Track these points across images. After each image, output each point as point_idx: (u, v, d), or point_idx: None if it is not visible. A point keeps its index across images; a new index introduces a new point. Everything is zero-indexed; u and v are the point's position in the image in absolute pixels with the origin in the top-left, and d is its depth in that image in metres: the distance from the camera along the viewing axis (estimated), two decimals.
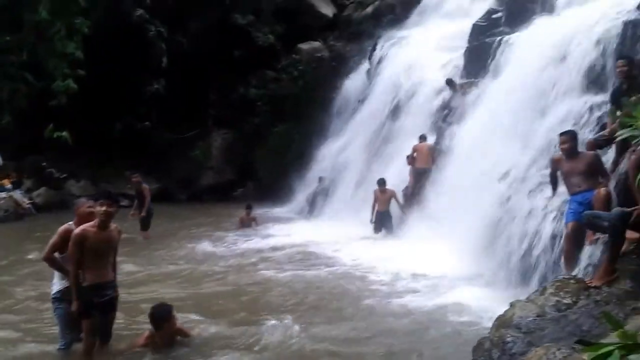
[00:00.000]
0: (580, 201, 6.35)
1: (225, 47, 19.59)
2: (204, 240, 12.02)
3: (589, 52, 8.17)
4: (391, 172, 12.21)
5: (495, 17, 12.27)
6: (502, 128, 9.06)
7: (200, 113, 20.16)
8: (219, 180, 19.99)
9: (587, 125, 7.56)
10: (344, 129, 16.79)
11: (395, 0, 18.82)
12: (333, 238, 11.56)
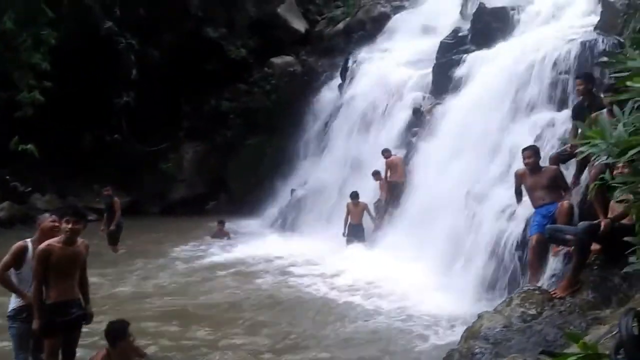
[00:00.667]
0: (544, 214, 6.55)
1: (197, 59, 19.55)
2: (173, 254, 11.89)
3: (551, 70, 8.50)
4: (364, 185, 12.34)
5: (462, 35, 12.63)
6: (469, 143, 9.30)
7: (172, 125, 19.99)
8: (190, 194, 19.79)
9: (550, 140, 7.83)
10: (316, 142, 16.90)
11: (365, 17, 19.14)
12: (306, 251, 11.59)
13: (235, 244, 13.16)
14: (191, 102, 20.20)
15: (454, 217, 8.44)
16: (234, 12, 20.71)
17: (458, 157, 9.27)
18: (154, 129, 19.20)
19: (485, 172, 8.49)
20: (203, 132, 20.03)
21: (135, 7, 17.95)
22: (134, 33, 18.52)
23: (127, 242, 12.58)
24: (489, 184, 8.21)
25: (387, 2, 19.12)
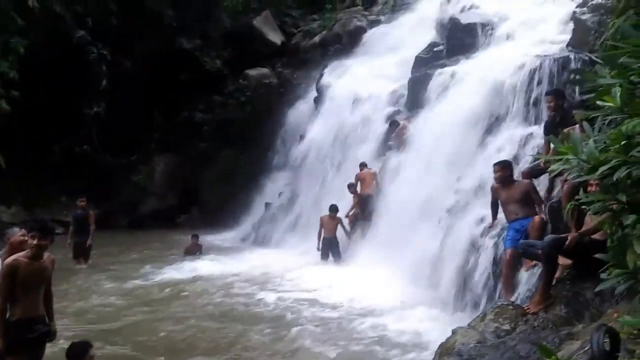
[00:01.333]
0: (518, 228, 6.58)
1: (171, 70, 19.35)
2: (140, 268, 11.58)
3: (525, 85, 8.61)
4: (339, 198, 12.27)
5: (437, 50, 12.77)
6: (443, 157, 9.33)
7: (144, 137, 19.69)
8: (161, 206, 19.46)
9: (524, 155, 7.90)
10: (292, 155, 16.81)
11: (342, 31, 19.26)
12: (280, 265, 11.43)
13: (206, 258, 12.90)
14: (164, 113, 19.97)
15: (429, 231, 8.43)
16: (209, 23, 20.64)
17: (433, 170, 9.29)
18: (125, 140, 18.86)
19: (460, 186, 8.51)
20: (176, 143, 19.79)
21: (108, 17, 17.70)
22: (106, 43, 18.23)
23: (92, 254, 12.21)
24: (464, 198, 8.22)
25: (364, 17, 19.32)
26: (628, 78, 3.59)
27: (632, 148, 3.39)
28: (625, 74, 3.60)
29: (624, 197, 3.51)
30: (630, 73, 3.61)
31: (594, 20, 7.58)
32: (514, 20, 11.56)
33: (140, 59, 18.97)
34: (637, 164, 3.35)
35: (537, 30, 10.39)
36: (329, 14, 21.18)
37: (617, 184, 3.53)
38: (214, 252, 13.76)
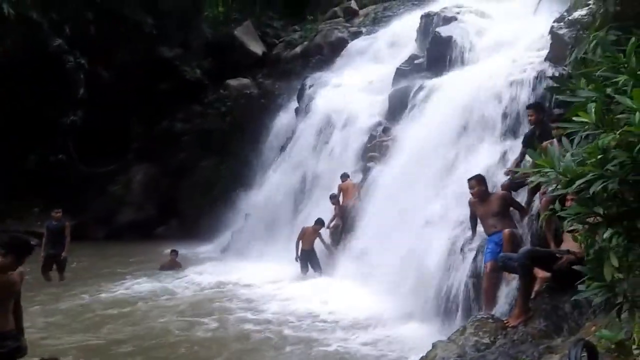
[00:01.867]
0: (497, 241, 6.58)
1: (150, 79, 19.14)
2: (115, 281, 11.32)
3: (504, 99, 8.69)
4: (319, 210, 12.20)
5: (418, 63, 12.86)
6: (424, 169, 9.35)
7: (122, 146, 19.38)
8: (139, 217, 19.08)
9: (503, 168, 7.95)
10: (272, 166, 16.70)
11: (323, 42, 19.31)
12: (259, 278, 11.29)
13: (183, 272, 12.68)
14: (143, 122, 19.71)
15: (409, 243, 8.40)
16: (190, 32, 20.52)
17: (413, 182, 9.29)
18: (102, 150, 18.52)
19: (440, 198, 8.52)
20: (154, 153, 19.51)
21: (86, 25, 17.45)
22: (84, 51, 17.94)
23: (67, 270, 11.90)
24: (444, 210, 8.23)
25: (345, 28, 19.41)
26: (604, 92, 3.63)
27: (608, 162, 3.40)
28: (602, 88, 3.64)
29: (600, 210, 3.52)
30: (607, 87, 3.65)
31: (570, 35, 7.70)
32: (494, 35, 11.71)
33: (119, 67, 18.73)
34: (613, 178, 3.37)
35: (516, 45, 10.52)
36: (310, 25, 21.24)
37: (593, 197, 3.55)
38: (192, 265, 13.54)
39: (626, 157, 3.32)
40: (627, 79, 3.43)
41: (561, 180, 3.74)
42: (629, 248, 3.53)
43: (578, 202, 3.78)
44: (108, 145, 18.47)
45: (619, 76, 3.53)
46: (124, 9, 17.95)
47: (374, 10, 20.23)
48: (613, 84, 3.59)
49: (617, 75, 3.58)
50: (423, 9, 15.52)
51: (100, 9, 17.53)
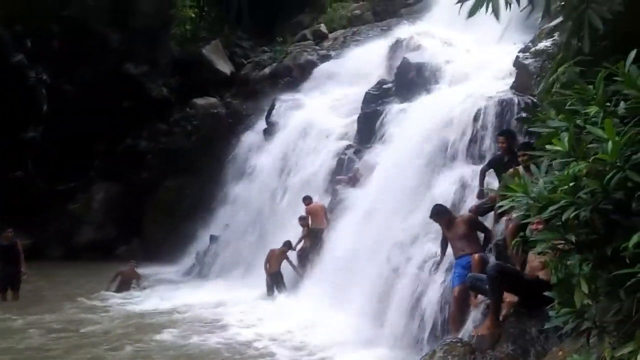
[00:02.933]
0: (464, 265, 6.66)
1: (115, 96, 18.76)
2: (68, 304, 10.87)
3: (471, 125, 8.88)
4: (286, 232, 12.10)
5: (386, 87, 13.04)
6: (392, 193, 9.41)
7: (83, 164, 18.81)
8: (99, 237, 18.54)
9: (470, 194, 8.08)
10: (239, 187, 16.51)
11: (292, 64, 19.43)
12: (223, 301, 11.10)
13: (143, 293, 12.27)
14: (106, 139, 19.22)
15: (377, 267, 8.38)
16: (157, 49, 20.27)
17: (381, 206, 9.33)
18: (62, 167, 17.94)
19: (408, 222, 8.56)
20: (117, 172, 19.05)
21: (50, 39, 17.02)
22: (47, 65, 17.46)
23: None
24: (412, 234, 8.27)
25: (314, 51, 19.59)
26: (574, 122, 3.74)
27: (579, 190, 3.49)
28: (572, 119, 3.75)
29: (572, 237, 3.60)
30: (577, 117, 3.77)
31: (536, 66, 7.98)
32: (460, 62, 12.01)
33: (83, 83, 18.25)
34: (584, 205, 3.46)
35: (482, 72, 10.82)
36: (279, 47, 21.36)
37: (565, 224, 3.63)
38: (153, 287, 13.15)
39: (597, 185, 3.41)
40: (598, 111, 3.54)
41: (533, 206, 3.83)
42: (597, 275, 3.61)
43: (549, 228, 3.86)
44: (69, 163, 17.93)
45: (588, 107, 3.65)
46: (90, 23, 17.61)
47: (343, 35, 20.52)
48: (583, 114, 3.71)
49: (586, 107, 3.71)
50: (391, 35, 15.83)
51: (66, 23, 17.16)
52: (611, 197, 3.37)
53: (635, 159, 3.24)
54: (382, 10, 21.85)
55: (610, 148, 3.20)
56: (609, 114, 3.51)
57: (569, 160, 3.59)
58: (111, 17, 18.28)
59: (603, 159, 3.29)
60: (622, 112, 3.52)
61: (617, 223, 3.43)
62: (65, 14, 17.23)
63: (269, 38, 22.44)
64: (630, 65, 3.52)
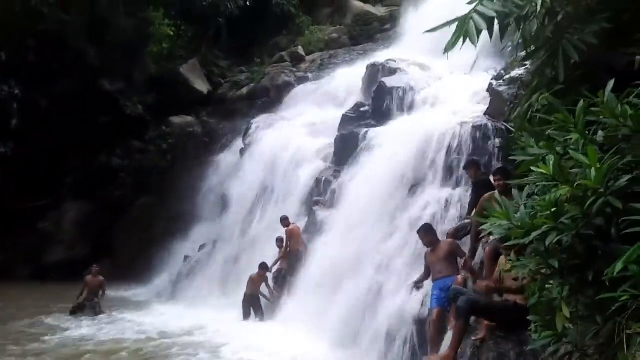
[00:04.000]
0: (441, 287, 6.71)
1: (90, 112, 18.44)
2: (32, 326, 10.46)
3: (445, 149, 9.03)
4: (262, 253, 11.96)
5: (363, 110, 13.18)
6: (369, 215, 9.44)
7: (55, 181, 18.35)
8: (70, 256, 17.94)
9: (444, 216, 8.18)
10: (213, 206, 16.32)
11: (270, 84, 19.50)
12: (196, 324, 10.83)
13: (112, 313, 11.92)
14: (79, 156, 18.84)
15: (354, 290, 8.36)
16: (134, 66, 20.09)
17: (358, 228, 9.34)
18: (33, 184, 17.44)
19: (385, 245, 8.59)
20: (89, 189, 18.63)
21: (26, 53, 16.68)
22: (21, 79, 17.06)
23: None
24: (389, 257, 8.30)
25: (292, 73, 19.72)
26: (554, 150, 3.84)
27: (561, 215, 3.57)
28: (553, 146, 3.86)
29: (555, 262, 3.66)
30: (557, 145, 3.87)
31: (509, 93, 8.19)
32: (436, 87, 12.25)
33: (58, 98, 17.86)
34: (566, 231, 3.53)
35: (456, 97, 11.05)
36: (257, 68, 21.45)
37: (547, 249, 3.70)
38: (121, 308, 12.77)
39: (578, 211, 3.49)
40: (578, 138, 3.64)
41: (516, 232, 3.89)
42: (577, 299, 3.68)
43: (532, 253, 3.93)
44: (40, 179, 17.44)
45: (569, 135, 3.76)
46: (66, 38, 17.36)
47: (320, 57, 20.75)
48: (563, 142, 3.82)
49: (566, 134, 3.82)
50: (368, 59, 16.07)
51: (41, 36, 16.87)
52: (592, 223, 3.46)
53: (616, 185, 3.34)
54: (358, 34, 22.22)
55: (594, 175, 3.29)
56: (589, 141, 3.62)
57: (552, 184, 3.69)
58: (88, 32, 18.07)
59: (586, 184, 3.37)
60: (600, 139, 3.64)
61: (598, 249, 3.51)
62: (41, 28, 16.96)
63: (246, 58, 22.55)
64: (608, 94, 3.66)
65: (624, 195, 3.32)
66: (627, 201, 3.28)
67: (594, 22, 4.56)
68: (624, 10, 4.63)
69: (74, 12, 17.87)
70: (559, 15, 4.70)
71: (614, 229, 3.39)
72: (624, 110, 3.43)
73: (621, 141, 3.53)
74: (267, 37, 23.21)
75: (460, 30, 4.47)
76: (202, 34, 23.39)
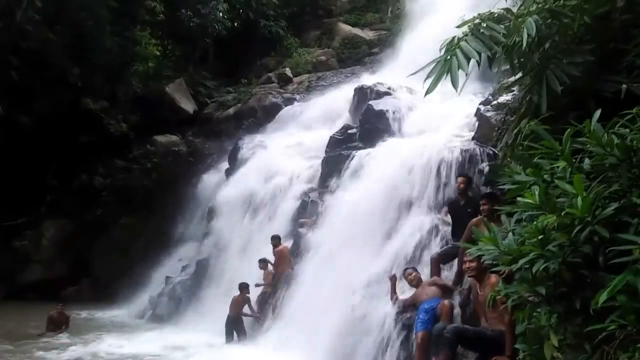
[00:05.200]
0: (426, 309, 6.72)
1: (72, 130, 18.22)
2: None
3: (433, 173, 9.05)
4: (247, 274, 11.77)
5: (351, 133, 13.22)
6: (356, 238, 9.38)
7: (34, 198, 18.00)
8: (47, 276, 17.47)
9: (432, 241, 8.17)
10: (198, 226, 16.12)
11: (257, 105, 19.50)
12: (177, 346, 10.56)
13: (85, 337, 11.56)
14: (60, 174, 18.54)
15: (340, 314, 8.24)
16: (118, 85, 20.02)
17: (345, 251, 9.25)
18: (11, 201, 17.06)
19: (372, 269, 8.52)
20: (70, 208, 18.27)
21: (8, 70, 16.49)
22: (3, 96, 16.85)
23: None
24: (375, 281, 8.23)
25: (279, 94, 19.78)
26: (542, 177, 3.85)
27: (548, 243, 3.57)
28: (540, 173, 3.87)
29: (542, 289, 3.64)
30: (544, 172, 3.88)
31: (497, 118, 8.29)
32: (423, 111, 12.34)
33: (40, 115, 17.65)
34: (553, 258, 3.52)
35: (444, 121, 11.13)
36: (244, 88, 21.48)
37: (535, 276, 3.68)
38: (102, 330, 12.45)
39: (565, 239, 3.49)
40: (565, 166, 3.65)
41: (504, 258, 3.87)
42: (565, 328, 3.65)
43: (520, 280, 3.90)
44: (19, 197, 17.10)
45: (556, 162, 3.77)
46: (51, 56, 17.24)
47: (308, 79, 20.87)
48: (550, 169, 3.83)
49: (552, 162, 3.83)
50: (356, 82, 16.20)
51: (24, 54, 16.74)
52: (579, 251, 3.45)
53: (603, 214, 3.34)
54: (346, 57, 22.45)
55: (581, 204, 3.29)
56: (575, 169, 3.64)
57: (539, 213, 3.68)
58: (72, 51, 17.97)
59: (572, 213, 3.37)
60: (587, 167, 3.66)
61: (585, 277, 3.50)
62: (24, 46, 16.82)
63: (233, 79, 22.59)
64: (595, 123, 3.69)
65: (611, 224, 3.34)
66: (614, 229, 3.29)
67: (579, 53, 4.64)
68: (610, 40, 4.71)
69: (59, 31, 17.77)
70: (546, 43, 4.76)
71: (601, 257, 3.39)
72: (610, 140, 3.46)
73: (608, 169, 3.56)
74: (254, 58, 23.33)
75: (440, 70, 4.54)
76: (189, 54, 23.44)
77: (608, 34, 4.71)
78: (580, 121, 3.70)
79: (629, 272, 3.09)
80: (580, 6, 4.59)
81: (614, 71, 4.55)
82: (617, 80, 4.44)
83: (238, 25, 22.92)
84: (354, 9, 25.59)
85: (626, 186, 3.39)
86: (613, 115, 3.73)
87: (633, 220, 3.28)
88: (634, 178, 3.40)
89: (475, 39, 4.66)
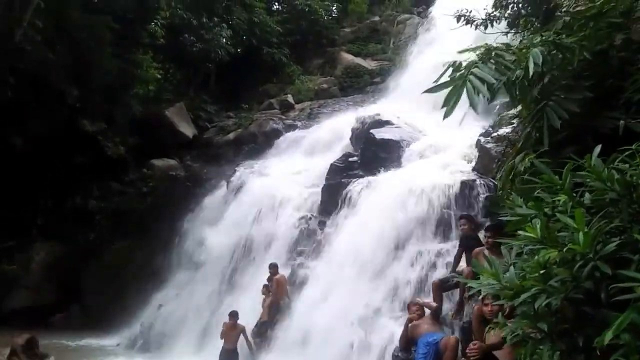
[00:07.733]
0: (427, 342, 6.59)
1: (67, 151, 18.03)
2: None
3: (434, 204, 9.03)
4: (242, 304, 11.52)
5: (352, 160, 13.22)
6: (355, 267, 9.29)
7: (25, 221, 17.63)
8: (36, 302, 16.86)
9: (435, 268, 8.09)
10: (193, 253, 15.82)
11: (257, 131, 19.52)
12: None
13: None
14: (53, 196, 18.26)
15: (338, 344, 8.11)
16: (117, 107, 19.85)
17: (343, 281, 9.16)
18: (1, 223, 16.64)
19: (370, 299, 8.42)
20: (62, 231, 17.82)
21: (4, 90, 16.37)
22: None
23: None
24: (374, 312, 8.12)
25: (280, 120, 19.85)
26: (542, 210, 3.83)
27: (550, 278, 3.52)
28: (541, 207, 3.84)
29: (544, 326, 3.57)
30: (545, 206, 3.86)
31: (497, 150, 8.32)
32: (424, 141, 12.38)
33: (34, 136, 17.34)
34: (555, 294, 3.46)
35: (445, 152, 11.16)
36: (245, 114, 21.57)
37: (537, 312, 3.62)
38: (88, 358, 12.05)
39: (567, 275, 3.44)
40: (566, 200, 3.64)
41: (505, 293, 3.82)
42: None
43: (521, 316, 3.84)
44: (9, 219, 16.74)
45: (557, 196, 3.76)
46: (49, 77, 17.12)
47: (309, 106, 20.98)
48: (551, 203, 3.81)
49: (553, 196, 3.82)
50: (357, 111, 16.28)
51: (21, 74, 16.59)
52: (581, 287, 3.41)
53: (605, 250, 3.31)
54: (348, 86, 22.67)
55: (582, 239, 3.27)
56: (576, 203, 3.62)
57: (540, 247, 3.65)
58: (71, 72, 17.86)
59: (574, 248, 3.34)
60: (588, 202, 3.64)
61: (588, 314, 3.44)
62: (22, 66, 16.70)
63: (234, 104, 22.69)
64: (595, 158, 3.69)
65: (613, 260, 3.30)
66: (616, 265, 3.25)
67: (578, 90, 4.67)
68: (608, 75, 4.74)
69: (59, 51, 17.70)
70: (546, 77, 4.80)
71: (603, 294, 3.35)
72: (610, 175, 3.46)
73: (608, 205, 3.54)
74: (256, 84, 23.49)
75: (455, 92, 4.52)
76: (191, 78, 23.59)
77: (606, 70, 4.76)
78: (578, 156, 3.71)
79: (633, 310, 3.04)
80: (580, 42, 4.64)
81: (612, 107, 4.58)
82: (615, 117, 4.46)
83: (241, 51, 23.15)
84: (356, 39, 26.00)
85: (627, 222, 3.36)
86: (610, 151, 3.74)
87: (634, 257, 3.25)
88: (634, 214, 3.38)
89: (486, 66, 4.68)
